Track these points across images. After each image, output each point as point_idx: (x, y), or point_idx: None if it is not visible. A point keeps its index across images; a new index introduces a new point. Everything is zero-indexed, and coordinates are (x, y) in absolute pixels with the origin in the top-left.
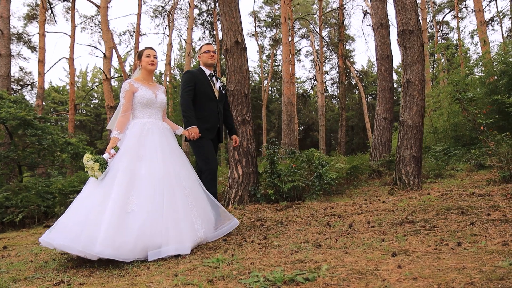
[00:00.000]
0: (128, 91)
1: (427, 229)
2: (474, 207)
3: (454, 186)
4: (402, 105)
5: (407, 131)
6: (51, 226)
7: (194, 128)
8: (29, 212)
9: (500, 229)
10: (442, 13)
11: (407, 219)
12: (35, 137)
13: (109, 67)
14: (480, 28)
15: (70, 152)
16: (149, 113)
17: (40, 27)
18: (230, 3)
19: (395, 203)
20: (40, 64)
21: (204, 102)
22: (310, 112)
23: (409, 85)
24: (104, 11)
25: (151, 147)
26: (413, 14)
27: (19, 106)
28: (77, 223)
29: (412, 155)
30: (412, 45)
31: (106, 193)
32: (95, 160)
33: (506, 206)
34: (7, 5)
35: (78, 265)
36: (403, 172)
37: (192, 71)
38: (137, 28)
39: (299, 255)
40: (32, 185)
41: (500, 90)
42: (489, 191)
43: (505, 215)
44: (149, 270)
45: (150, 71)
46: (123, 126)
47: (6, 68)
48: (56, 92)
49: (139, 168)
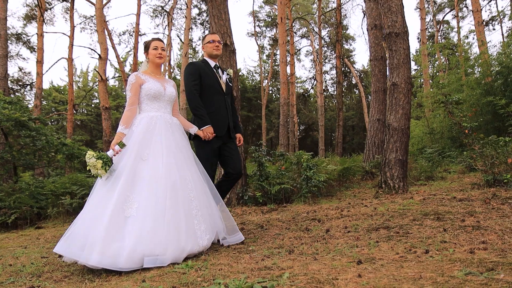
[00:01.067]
0: (135, 84)
1: (400, 235)
2: (451, 212)
3: (440, 189)
4: (388, 108)
5: (392, 134)
6: (41, 227)
7: (209, 128)
8: (22, 213)
9: (470, 236)
10: (442, 13)
11: (383, 225)
12: (29, 138)
13: (104, 68)
14: (477, 28)
15: (65, 153)
16: (157, 107)
17: (39, 27)
18: (219, 5)
19: (376, 208)
20: (39, 64)
21: (211, 96)
22: (311, 111)
23: (395, 88)
24: (99, 12)
25: (156, 146)
26: (399, 16)
27: (14, 107)
28: (84, 228)
29: (397, 158)
30: (398, 48)
31: (109, 196)
32: (98, 157)
33: (482, 212)
34: (3, 6)
35: (55, 269)
36: (388, 176)
37: (196, 62)
38: (136, 28)
39: (269, 261)
40: (25, 186)
41: (496, 91)
42: (471, 196)
43: (478, 222)
44: (120, 276)
45: (157, 64)
46: (129, 121)
47: (2, 69)
48: (57, 92)
49: (142, 169)
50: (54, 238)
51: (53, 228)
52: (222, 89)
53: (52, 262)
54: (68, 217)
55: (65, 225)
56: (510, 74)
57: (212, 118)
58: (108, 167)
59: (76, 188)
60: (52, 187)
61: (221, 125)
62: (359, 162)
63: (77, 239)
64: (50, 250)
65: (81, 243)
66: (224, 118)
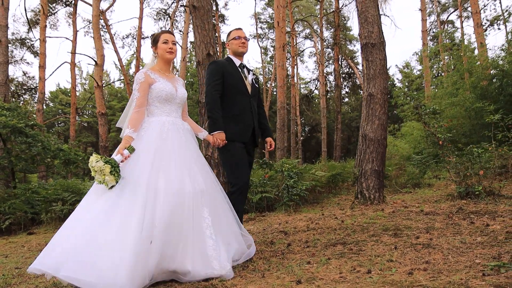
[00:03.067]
0: (144, 83)
1: (353, 252)
2: (410, 228)
3: (417, 199)
4: (364, 118)
5: (369, 145)
6: (33, 233)
7: (220, 134)
8: (16, 219)
9: (417, 255)
10: (447, 12)
11: (341, 240)
12: (25, 144)
13: (100, 74)
14: (477, 30)
15: (62, 158)
16: (168, 110)
17: (41, 33)
18: (203, 16)
19: (344, 220)
20: (41, 69)
21: (235, 98)
22: (315, 113)
23: (371, 99)
24: (95, 19)
25: (169, 155)
26: (376, 27)
27: (12, 114)
28: (92, 249)
29: (373, 169)
30: (374, 58)
31: (127, 211)
32: (106, 161)
33: (439, 228)
34: (5, 14)
35: (22, 281)
36: (364, 186)
37: (219, 61)
38: (139, 32)
39: (216, 279)
40: (21, 192)
41: (491, 95)
42: (438, 209)
43: (431, 239)
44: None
45: (168, 60)
46: (137, 124)
47: (4, 75)
48: (64, 94)
49: (156, 181)
50: (38, 246)
51: (43, 234)
52: (247, 90)
53: (22, 274)
54: (59, 223)
55: (55, 231)
56: (505, 77)
57: (235, 122)
58: (117, 174)
59: (68, 195)
60: (44, 193)
61: (245, 130)
62: (351, 167)
63: (81, 261)
64: (28, 260)
65: (90, 266)
66: (249, 122)
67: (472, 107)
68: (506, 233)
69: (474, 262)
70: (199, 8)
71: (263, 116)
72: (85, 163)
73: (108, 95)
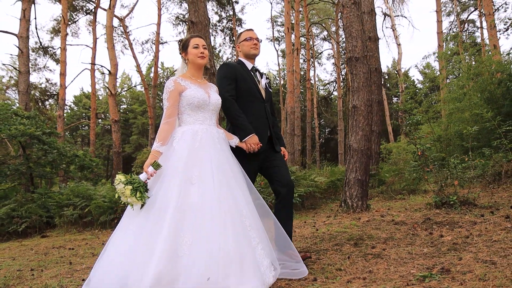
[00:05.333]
0: (173, 91)
1: (311, 261)
2: (373, 237)
3: (400, 208)
4: (349, 129)
5: (353, 155)
6: (46, 236)
7: (253, 138)
8: (32, 222)
9: (365, 264)
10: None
11: (306, 249)
12: (42, 151)
13: (114, 83)
14: (490, 32)
15: (77, 164)
16: (201, 118)
17: (62, 41)
18: (200, 30)
19: (319, 229)
20: (62, 76)
21: (248, 103)
22: (333, 114)
23: (355, 111)
24: (109, 30)
25: (205, 166)
26: (359, 42)
27: (30, 122)
28: (120, 269)
29: (357, 178)
30: (358, 71)
31: (152, 229)
32: (127, 182)
33: (398, 238)
34: (26, 26)
35: (20, 283)
36: (348, 195)
37: (231, 63)
38: (157, 37)
39: None
40: (37, 197)
41: (497, 99)
42: (410, 218)
43: (384, 249)
44: None
45: (199, 65)
46: (166, 136)
47: (25, 84)
48: (87, 98)
49: (190, 195)
50: (45, 249)
51: (54, 237)
52: (262, 95)
53: (22, 276)
54: (71, 226)
55: (67, 234)
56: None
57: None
58: (140, 194)
59: (78, 200)
60: (57, 198)
61: (261, 137)
62: None
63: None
64: (31, 263)
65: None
66: (265, 128)
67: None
68: (453, 244)
69: (409, 273)
70: (197, 23)
71: (275, 125)
72: (99, 168)
73: (130, 99)
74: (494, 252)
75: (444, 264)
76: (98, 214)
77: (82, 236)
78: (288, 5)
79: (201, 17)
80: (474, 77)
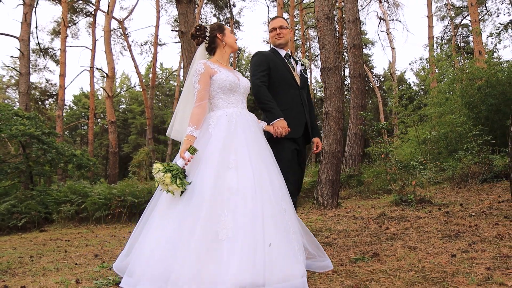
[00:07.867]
0: (204, 74)
1: None
2: (331, 229)
3: (368, 206)
4: (323, 133)
5: (325, 157)
6: (45, 230)
7: (280, 121)
8: (31, 218)
9: None
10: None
11: None
12: (41, 151)
13: (111, 85)
14: (475, 39)
15: (75, 163)
16: (234, 101)
17: (62, 43)
18: (189, 40)
19: None
20: (61, 77)
21: (283, 91)
22: None
23: (327, 116)
24: (107, 35)
25: (241, 150)
26: (332, 53)
27: (30, 123)
28: (162, 256)
29: (328, 178)
30: (330, 81)
31: (191, 215)
32: (166, 169)
33: (351, 230)
34: (27, 29)
35: (20, 266)
36: (319, 193)
37: (264, 52)
38: (155, 39)
39: None
40: (36, 194)
41: (477, 104)
42: (370, 214)
43: (335, 239)
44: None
45: (235, 50)
46: (200, 120)
47: (25, 85)
48: (86, 98)
49: (229, 180)
50: (43, 241)
51: (52, 232)
52: (296, 82)
53: (22, 261)
54: (68, 222)
55: (64, 228)
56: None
57: (285, 117)
58: (180, 180)
59: (75, 197)
60: (55, 195)
61: (296, 125)
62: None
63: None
64: (30, 252)
65: (159, 272)
66: (300, 117)
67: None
68: (392, 234)
69: (348, 257)
70: (186, 33)
71: (312, 112)
72: (97, 167)
73: (129, 99)
74: (420, 240)
75: (377, 250)
76: (93, 210)
77: (78, 230)
78: (281, 11)
79: (191, 27)
80: (456, 82)
